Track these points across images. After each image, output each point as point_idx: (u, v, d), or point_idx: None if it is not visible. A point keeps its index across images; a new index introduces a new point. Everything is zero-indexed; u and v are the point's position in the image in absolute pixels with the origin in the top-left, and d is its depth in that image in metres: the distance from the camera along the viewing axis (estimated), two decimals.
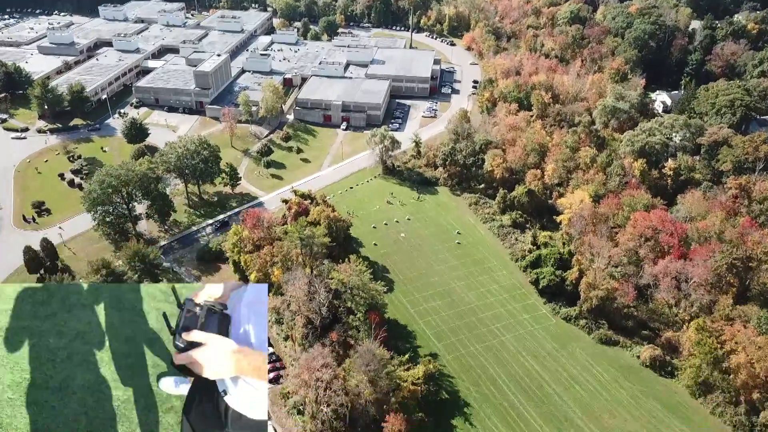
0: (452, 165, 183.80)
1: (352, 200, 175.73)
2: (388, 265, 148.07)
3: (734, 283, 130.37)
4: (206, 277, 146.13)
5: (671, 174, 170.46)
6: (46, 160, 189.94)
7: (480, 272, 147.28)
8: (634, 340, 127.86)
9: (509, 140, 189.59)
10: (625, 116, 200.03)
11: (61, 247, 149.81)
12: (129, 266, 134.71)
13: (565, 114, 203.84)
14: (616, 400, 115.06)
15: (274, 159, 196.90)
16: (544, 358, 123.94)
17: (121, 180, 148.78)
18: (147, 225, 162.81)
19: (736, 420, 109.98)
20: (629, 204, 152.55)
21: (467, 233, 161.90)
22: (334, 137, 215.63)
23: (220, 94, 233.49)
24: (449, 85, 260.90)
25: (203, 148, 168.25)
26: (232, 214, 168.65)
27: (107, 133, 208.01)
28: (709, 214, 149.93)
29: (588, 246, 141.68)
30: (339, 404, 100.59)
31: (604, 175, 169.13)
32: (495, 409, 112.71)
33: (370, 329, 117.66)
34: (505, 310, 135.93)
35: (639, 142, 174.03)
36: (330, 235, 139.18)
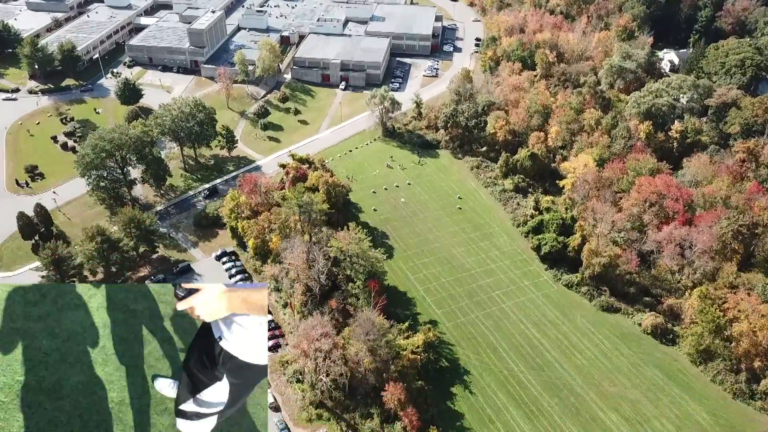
0: (454, 127, 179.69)
1: (351, 164, 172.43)
2: (388, 231, 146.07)
3: (739, 249, 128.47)
4: (203, 242, 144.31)
5: (677, 137, 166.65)
6: (38, 123, 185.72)
7: (481, 238, 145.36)
8: (636, 308, 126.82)
9: (512, 101, 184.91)
10: (631, 76, 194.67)
11: (55, 213, 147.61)
12: (125, 233, 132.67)
13: (570, 74, 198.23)
14: (616, 367, 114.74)
15: (272, 121, 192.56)
16: (545, 325, 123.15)
17: (114, 144, 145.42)
18: (143, 190, 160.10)
19: (736, 388, 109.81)
20: (634, 168, 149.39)
21: (468, 198, 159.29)
22: (332, 97, 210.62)
23: (216, 53, 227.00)
24: (451, 43, 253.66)
25: (198, 111, 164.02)
26: (221, 182, 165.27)
27: (100, 94, 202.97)
28: (715, 178, 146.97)
29: (591, 211, 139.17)
30: (338, 374, 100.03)
31: (609, 138, 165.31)
32: (495, 377, 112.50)
33: (370, 297, 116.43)
34: (505, 277, 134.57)
35: (645, 103, 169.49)
36: (329, 201, 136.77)
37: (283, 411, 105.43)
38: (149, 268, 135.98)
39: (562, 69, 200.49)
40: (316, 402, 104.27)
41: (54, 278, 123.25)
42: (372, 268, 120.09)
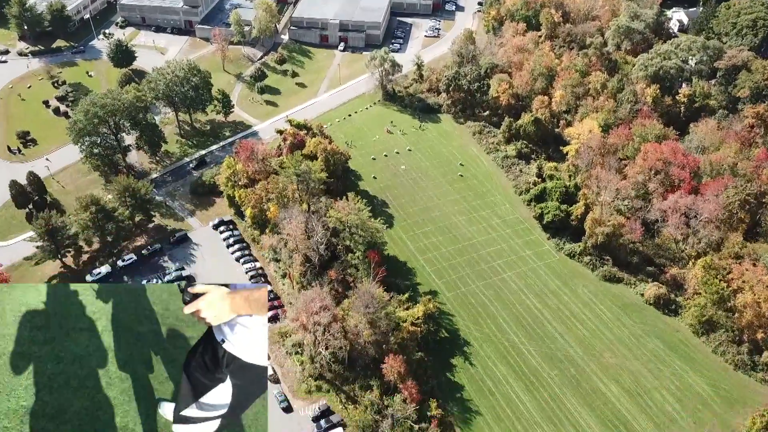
0: (456, 90, 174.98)
1: (351, 129, 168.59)
2: (388, 199, 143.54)
3: (745, 219, 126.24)
4: (200, 211, 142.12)
5: (684, 101, 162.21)
6: (29, 86, 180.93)
7: (482, 206, 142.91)
8: (639, 278, 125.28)
9: (516, 63, 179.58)
10: (639, 37, 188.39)
11: (48, 180, 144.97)
12: (120, 202, 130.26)
13: (576, 35, 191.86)
14: (617, 338, 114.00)
15: (269, 84, 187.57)
16: (546, 295, 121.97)
17: (107, 110, 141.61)
18: (137, 156, 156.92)
19: (738, 359, 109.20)
20: (640, 134, 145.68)
21: (470, 165, 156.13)
22: (331, 59, 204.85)
23: (211, 13, 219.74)
24: (453, 2, 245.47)
25: (193, 75, 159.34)
26: (217, 148, 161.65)
27: (92, 56, 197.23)
28: (722, 145, 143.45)
29: (595, 179, 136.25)
30: (338, 347, 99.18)
31: (615, 103, 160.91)
32: (495, 348, 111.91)
33: (370, 268, 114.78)
34: (507, 246, 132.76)
35: (653, 66, 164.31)
36: (327, 169, 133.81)
37: (283, 383, 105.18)
38: (145, 238, 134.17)
39: (568, 29, 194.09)
40: (315, 375, 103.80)
41: (49, 249, 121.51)
42: (372, 239, 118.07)
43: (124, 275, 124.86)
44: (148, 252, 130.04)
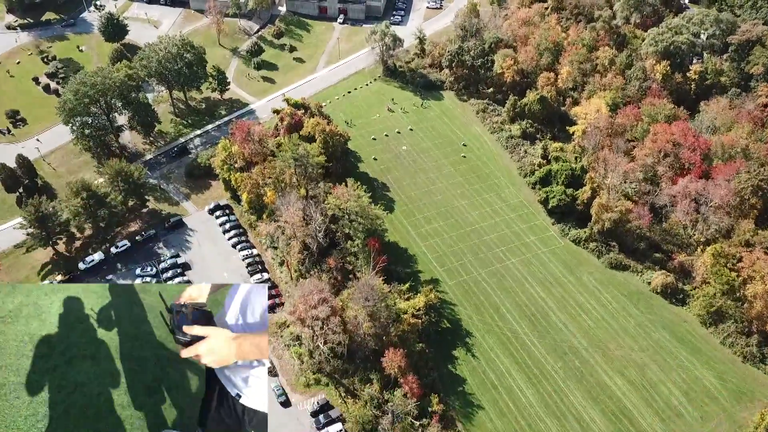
0: (459, 66, 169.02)
1: (350, 107, 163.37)
2: (389, 182, 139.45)
3: (757, 205, 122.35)
4: (196, 195, 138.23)
5: (696, 78, 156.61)
6: (18, 62, 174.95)
7: (485, 189, 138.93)
8: (646, 265, 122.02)
9: (521, 37, 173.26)
10: (649, 9, 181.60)
11: (39, 163, 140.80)
12: (112, 186, 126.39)
13: (584, 7, 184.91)
14: (623, 329, 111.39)
15: (266, 59, 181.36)
16: (551, 284, 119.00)
17: (97, 89, 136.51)
18: (130, 136, 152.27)
19: (747, 351, 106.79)
20: (649, 114, 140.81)
21: (473, 145, 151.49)
22: (330, 32, 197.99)
23: None
24: None
25: (187, 51, 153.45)
26: (213, 127, 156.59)
27: (83, 30, 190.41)
28: (735, 125, 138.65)
29: (602, 162, 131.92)
30: (336, 342, 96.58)
31: (623, 80, 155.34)
32: (498, 339, 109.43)
33: (370, 256, 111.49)
34: (510, 232, 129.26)
35: (664, 41, 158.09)
36: (326, 152, 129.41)
37: (281, 376, 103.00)
38: (139, 223, 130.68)
39: (575, 1, 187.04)
40: (314, 368, 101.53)
41: (40, 236, 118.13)
42: (372, 226, 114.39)
43: (118, 262, 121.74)
44: (142, 238, 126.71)
